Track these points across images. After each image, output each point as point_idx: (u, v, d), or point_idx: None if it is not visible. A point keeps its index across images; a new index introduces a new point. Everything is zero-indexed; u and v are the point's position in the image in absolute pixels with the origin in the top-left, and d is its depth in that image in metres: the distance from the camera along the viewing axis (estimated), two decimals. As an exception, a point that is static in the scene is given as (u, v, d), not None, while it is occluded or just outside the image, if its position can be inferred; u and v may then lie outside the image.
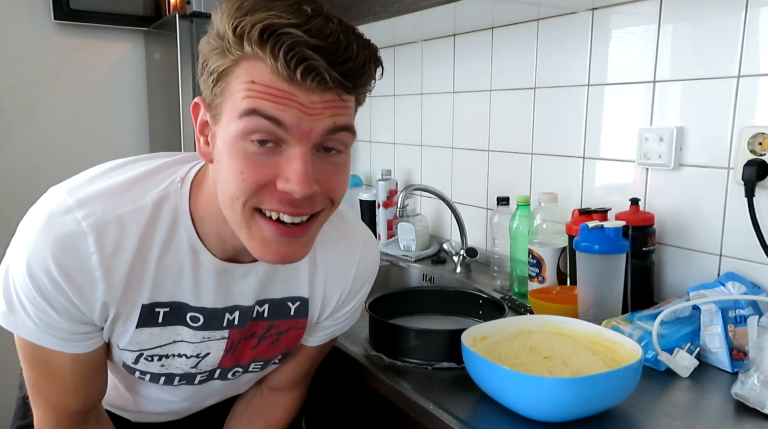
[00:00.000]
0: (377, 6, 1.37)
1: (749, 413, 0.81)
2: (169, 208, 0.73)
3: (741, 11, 1.05)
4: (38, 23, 2.35)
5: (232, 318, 0.81)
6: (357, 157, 2.24)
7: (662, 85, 1.19)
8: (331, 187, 0.68)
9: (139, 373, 0.82)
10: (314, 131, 0.63)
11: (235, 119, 0.63)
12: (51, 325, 0.71)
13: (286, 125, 0.62)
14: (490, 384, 0.83)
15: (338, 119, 0.64)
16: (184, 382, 0.85)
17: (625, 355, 0.85)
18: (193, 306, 0.77)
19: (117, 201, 0.71)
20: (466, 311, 1.18)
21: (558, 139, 1.43)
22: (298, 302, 0.85)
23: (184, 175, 0.75)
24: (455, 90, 1.73)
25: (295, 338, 0.89)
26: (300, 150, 0.63)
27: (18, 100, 2.33)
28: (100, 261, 0.69)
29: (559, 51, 1.40)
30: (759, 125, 1.04)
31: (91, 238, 0.68)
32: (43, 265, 0.67)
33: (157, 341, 0.78)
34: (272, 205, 0.65)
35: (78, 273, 0.68)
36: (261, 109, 0.61)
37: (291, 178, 0.63)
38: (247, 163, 0.63)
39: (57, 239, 0.67)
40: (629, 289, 1.13)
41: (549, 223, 1.30)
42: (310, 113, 0.62)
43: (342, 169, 0.69)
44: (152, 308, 0.75)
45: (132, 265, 0.71)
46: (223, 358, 0.84)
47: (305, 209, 0.66)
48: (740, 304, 0.96)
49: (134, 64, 2.57)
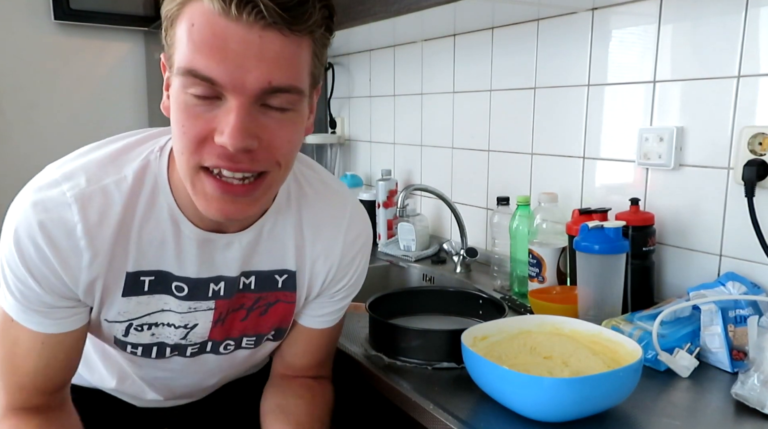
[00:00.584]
0: (377, 6, 1.37)
1: (749, 413, 0.80)
2: (150, 178, 0.74)
3: (741, 11, 1.05)
4: (38, 23, 2.35)
5: (218, 289, 0.80)
6: (357, 157, 2.24)
7: (662, 85, 1.19)
8: (274, 144, 0.66)
9: (131, 347, 0.81)
10: (248, 85, 0.61)
11: (176, 74, 0.63)
12: (31, 300, 0.72)
13: (219, 82, 0.61)
14: (490, 384, 0.83)
15: (275, 77, 0.62)
16: (176, 353, 0.84)
17: (625, 355, 0.85)
18: (177, 275, 0.77)
19: (100, 173, 0.72)
20: (466, 311, 1.18)
21: (558, 139, 1.43)
22: (285, 275, 0.84)
23: (163, 145, 0.76)
24: (455, 90, 1.73)
25: (285, 312, 0.87)
26: (235, 102, 0.62)
27: (18, 100, 2.33)
28: (85, 231, 0.70)
29: (559, 51, 1.40)
30: (759, 125, 1.04)
31: (75, 208, 0.70)
32: (30, 233, 0.69)
33: (144, 309, 0.78)
34: (212, 160, 0.65)
35: (63, 242, 0.70)
36: (195, 68, 0.61)
37: (225, 131, 0.62)
38: (187, 116, 0.64)
39: (44, 209, 0.69)
40: (629, 289, 1.13)
41: (549, 223, 1.30)
42: (245, 64, 0.60)
43: (287, 127, 0.66)
44: (137, 276, 0.75)
45: (116, 234, 0.72)
46: (212, 330, 0.83)
47: (245, 165, 0.65)
48: (740, 304, 0.96)
49: (134, 64, 2.57)
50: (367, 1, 1.38)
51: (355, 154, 2.25)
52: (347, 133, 2.28)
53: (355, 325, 1.14)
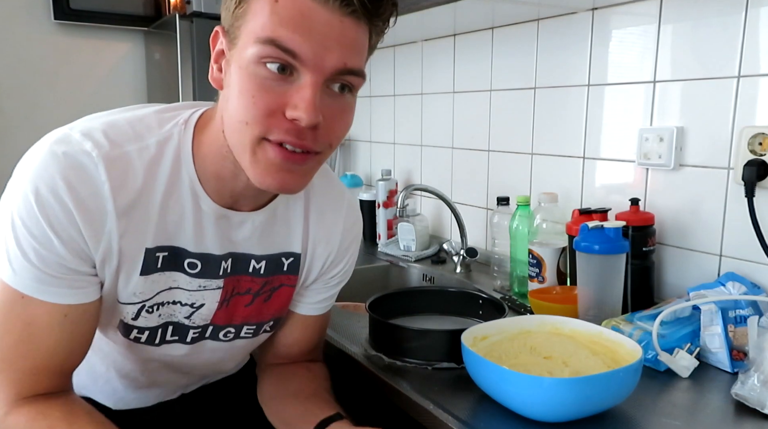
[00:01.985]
0: (377, 6, 1.37)
1: (749, 413, 0.80)
2: (172, 149, 0.73)
3: (741, 11, 1.05)
4: (38, 23, 2.35)
5: (227, 266, 0.81)
6: (357, 157, 2.24)
7: (662, 85, 1.19)
8: (332, 126, 0.69)
9: (137, 331, 0.79)
10: (327, 64, 0.64)
11: (252, 43, 0.64)
12: (52, 265, 0.67)
13: (300, 57, 0.63)
14: (490, 384, 0.83)
15: (350, 60, 0.66)
16: (176, 339, 0.83)
17: (625, 355, 0.85)
18: (193, 252, 0.77)
19: (122, 139, 0.70)
20: (466, 311, 1.18)
21: (558, 139, 1.43)
22: (291, 258, 0.86)
23: (187, 118, 0.76)
24: (455, 90, 1.73)
25: (286, 297, 0.89)
26: (311, 79, 0.64)
27: (18, 99, 2.33)
28: (112, 192, 0.68)
29: (559, 51, 1.40)
30: (759, 125, 1.04)
31: (102, 168, 0.67)
32: (53, 187, 0.65)
33: (156, 288, 0.77)
34: (279, 134, 0.66)
35: (90, 199, 0.67)
36: (279, 38, 0.62)
37: (299, 106, 0.64)
38: (259, 88, 0.64)
39: (68, 162, 0.66)
40: (629, 289, 1.13)
41: (549, 223, 1.30)
42: (326, 44, 0.63)
43: (347, 112, 0.71)
44: (154, 253, 0.74)
45: (137, 204, 0.71)
46: (216, 313, 0.83)
47: (308, 143, 0.67)
48: (740, 305, 0.96)
49: (134, 64, 2.57)
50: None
51: (355, 154, 2.25)
52: (347, 133, 2.28)
53: (355, 325, 1.14)
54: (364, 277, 1.65)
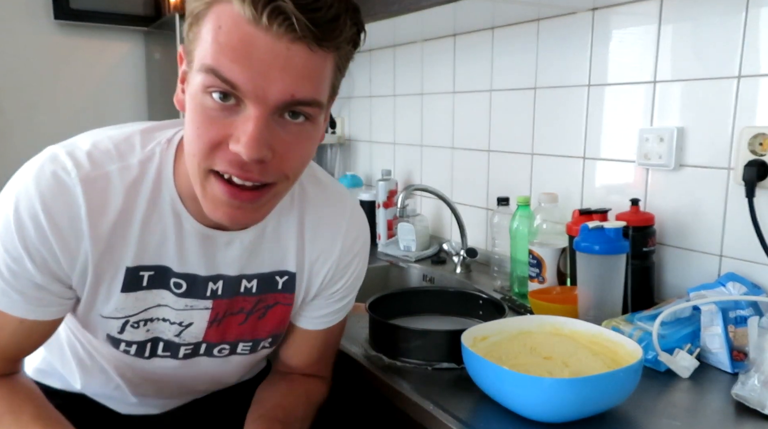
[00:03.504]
0: (377, 6, 1.37)
1: (749, 414, 0.80)
2: (153, 170, 0.73)
3: (741, 11, 1.05)
4: (38, 23, 2.35)
5: (216, 288, 0.79)
6: (357, 157, 2.24)
7: (662, 86, 1.19)
8: (286, 157, 0.65)
9: (125, 344, 0.79)
10: (270, 96, 0.61)
11: (197, 71, 0.62)
12: (21, 281, 0.70)
13: (240, 88, 0.60)
14: (490, 384, 0.83)
15: (300, 90, 0.62)
16: (168, 354, 0.82)
17: (625, 356, 0.85)
18: (177, 271, 0.76)
19: (104, 159, 0.71)
20: (466, 311, 1.18)
21: (558, 139, 1.43)
22: (285, 276, 0.84)
23: (170, 137, 0.75)
24: (455, 90, 1.73)
25: (282, 315, 0.86)
26: (254, 112, 0.61)
27: (18, 100, 2.34)
28: (88, 214, 0.69)
29: (559, 51, 1.40)
30: (759, 125, 1.04)
31: (79, 190, 0.68)
32: (31, 210, 0.67)
33: (141, 305, 0.77)
34: (223, 166, 0.64)
35: (65, 222, 0.68)
36: (219, 69, 0.60)
37: (241, 139, 0.61)
38: (203, 119, 0.63)
39: (47, 186, 0.68)
40: (629, 290, 1.12)
41: (549, 224, 1.30)
42: (269, 74, 0.60)
43: (303, 142, 0.67)
44: (137, 271, 0.74)
45: (116, 224, 0.71)
46: (207, 331, 0.82)
47: (255, 175, 0.65)
48: (740, 305, 0.96)
49: (134, 64, 2.57)
50: (367, 1, 1.38)
51: (355, 154, 2.25)
52: (347, 133, 2.28)
53: (355, 325, 1.14)
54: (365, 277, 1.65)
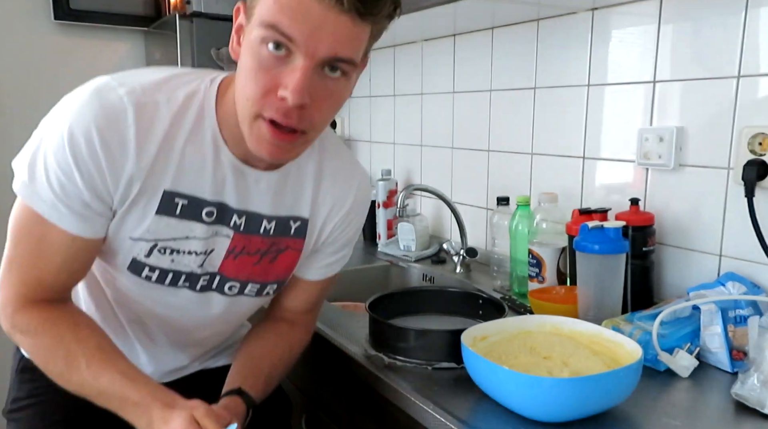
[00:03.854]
0: (377, 6, 1.36)
1: (749, 413, 0.81)
2: (198, 103, 0.81)
3: (741, 11, 1.05)
4: (38, 23, 2.35)
5: (240, 223, 0.87)
6: (357, 157, 2.24)
7: (662, 85, 1.19)
8: (320, 106, 0.75)
9: (148, 269, 0.85)
10: (318, 51, 0.70)
11: (258, 26, 0.71)
12: (70, 195, 0.75)
13: (296, 41, 0.70)
14: (490, 384, 0.83)
15: (342, 50, 0.72)
16: (186, 285, 0.89)
17: (625, 355, 0.85)
18: (210, 200, 0.84)
19: (153, 88, 0.79)
20: (466, 311, 1.18)
21: (558, 139, 1.43)
22: (299, 222, 0.92)
23: (213, 78, 0.84)
24: (455, 90, 1.73)
25: (291, 260, 0.94)
26: (302, 63, 0.71)
27: (18, 100, 2.33)
28: (136, 135, 0.76)
29: (559, 51, 1.40)
30: (759, 125, 1.04)
31: (131, 112, 0.76)
32: (85, 129, 0.74)
33: (172, 233, 0.83)
34: (270, 112, 0.74)
35: (115, 141, 0.75)
36: (278, 24, 0.69)
37: (288, 86, 0.71)
38: (259, 67, 0.73)
39: (101, 109, 0.75)
40: (629, 289, 1.12)
41: (549, 223, 1.30)
42: (319, 34, 0.70)
43: (336, 95, 0.77)
44: (172, 197, 0.81)
45: (160, 147, 0.78)
46: (224, 261, 0.89)
47: (293, 121, 0.74)
48: (740, 304, 0.96)
49: (134, 64, 2.57)
50: (367, 1, 1.38)
51: (355, 154, 2.25)
52: (347, 133, 2.28)
53: (355, 325, 1.14)
54: (364, 277, 1.65)
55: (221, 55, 2.15)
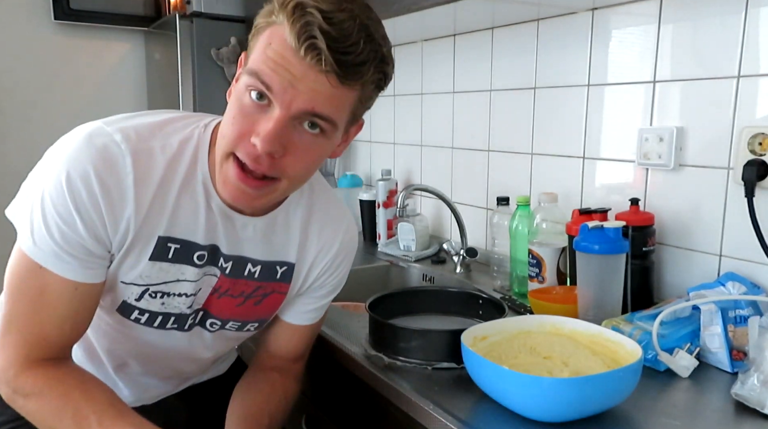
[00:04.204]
0: (377, 6, 1.36)
1: (749, 413, 0.81)
2: (191, 149, 0.81)
3: (741, 11, 1.05)
4: (38, 23, 2.35)
5: (227, 266, 0.87)
6: (357, 157, 2.24)
7: (662, 85, 1.19)
8: (292, 161, 0.76)
9: (138, 312, 0.85)
10: (294, 104, 0.72)
11: (244, 74, 0.74)
12: (71, 242, 0.74)
13: (273, 91, 0.72)
14: (490, 384, 0.83)
15: (319, 107, 0.73)
16: (175, 326, 0.89)
17: (625, 355, 0.85)
18: (202, 244, 0.84)
19: (148, 135, 0.79)
20: (466, 311, 1.18)
21: (558, 139, 1.43)
22: (285, 267, 0.92)
23: (207, 123, 0.85)
24: (455, 90, 1.73)
25: (275, 303, 0.95)
26: (278, 114, 0.72)
27: (18, 100, 2.34)
28: (135, 182, 0.76)
29: (559, 51, 1.40)
30: (759, 125, 1.04)
31: (128, 160, 0.76)
32: (84, 175, 0.73)
33: (164, 277, 0.83)
34: (242, 153, 0.75)
35: (115, 188, 0.75)
36: (260, 72, 0.72)
37: (260, 133, 0.72)
38: (239, 111, 0.74)
39: (99, 153, 0.74)
40: (629, 289, 1.12)
41: (549, 223, 1.30)
42: (297, 87, 0.71)
43: (312, 149, 0.77)
44: (166, 242, 0.81)
45: (156, 194, 0.78)
46: (209, 297, 0.89)
47: (263, 167, 0.75)
48: (740, 305, 0.96)
49: (134, 64, 2.57)
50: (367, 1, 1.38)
51: (355, 154, 2.25)
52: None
53: (355, 325, 1.14)
54: (364, 277, 1.65)
55: (221, 55, 2.15)
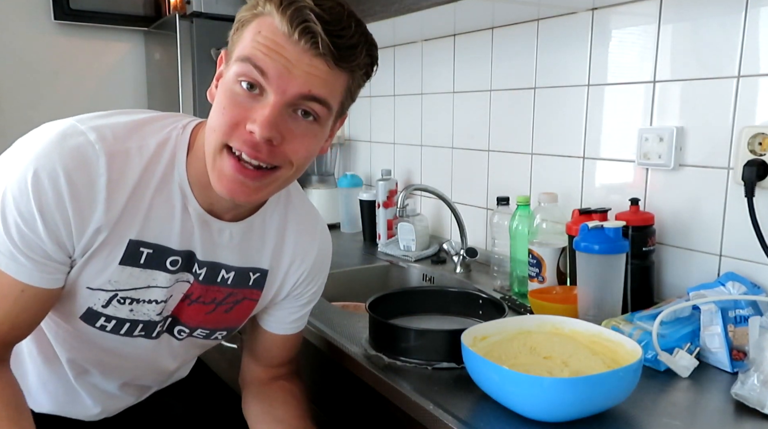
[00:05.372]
0: (377, 6, 1.37)
1: (749, 413, 0.81)
2: (169, 151, 0.78)
3: (741, 11, 1.05)
4: (38, 23, 2.35)
5: (201, 273, 0.85)
6: (357, 157, 2.24)
7: (662, 85, 1.19)
8: (293, 146, 0.74)
9: (104, 319, 0.81)
10: (290, 88, 0.70)
11: (234, 63, 0.72)
12: (31, 246, 0.71)
13: (268, 75, 0.70)
14: (490, 384, 0.83)
15: (315, 88, 0.71)
16: (143, 334, 0.86)
17: (625, 355, 0.85)
18: (176, 249, 0.81)
19: (124, 135, 0.76)
20: (466, 311, 1.18)
21: (558, 139, 1.43)
22: (258, 273, 0.90)
23: (186, 124, 0.82)
24: (455, 90, 1.73)
25: (246, 310, 0.93)
26: (274, 99, 0.70)
27: (18, 100, 2.33)
28: (107, 184, 0.72)
29: (559, 51, 1.40)
30: (759, 125, 1.04)
31: (102, 160, 0.72)
32: (53, 175, 0.69)
33: (134, 283, 0.80)
34: (238, 143, 0.72)
35: (84, 189, 0.71)
36: (253, 57, 0.70)
37: (256, 120, 0.70)
38: (230, 101, 0.72)
39: (70, 152, 0.70)
40: (629, 289, 1.13)
41: (549, 223, 1.30)
42: (293, 71, 0.70)
43: (309, 136, 0.75)
44: (137, 246, 0.78)
45: (129, 197, 0.75)
46: (179, 304, 0.86)
47: (263, 155, 0.72)
48: (740, 304, 0.96)
49: (134, 64, 2.57)
50: (367, 1, 1.38)
51: (355, 154, 2.25)
52: (347, 133, 2.28)
53: (355, 325, 1.14)
54: (364, 277, 1.65)
55: (221, 55, 2.15)
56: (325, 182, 2.16)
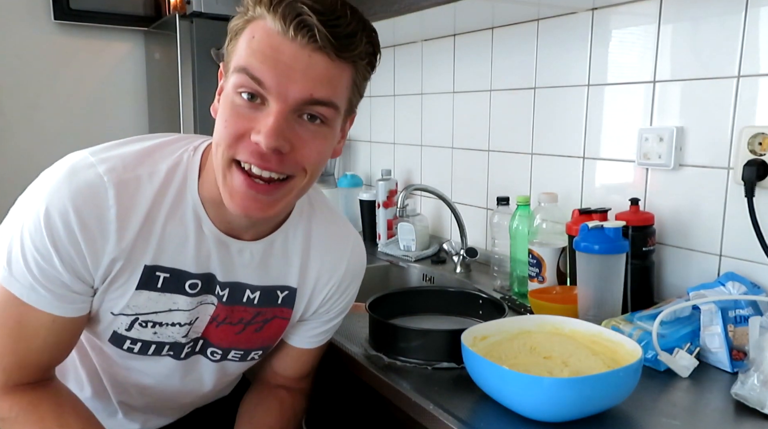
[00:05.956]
0: (377, 6, 1.37)
1: (749, 413, 0.81)
2: (180, 175, 0.78)
3: (741, 11, 1.05)
4: (38, 23, 2.35)
5: (223, 294, 0.84)
6: (357, 157, 2.24)
7: (662, 85, 1.19)
8: (303, 152, 0.72)
9: (130, 342, 0.82)
10: (291, 94, 0.68)
11: (232, 74, 0.70)
12: (50, 278, 0.72)
13: (266, 84, 0.68)
14: (490, 384, 0.83)
15: (317, 91, 0.69)
16: (171, 354, 0.86)
17: (625, 355, 0.85)
18: (194, 273, 0.80)
19: (135, 163, 0.76)
20: (466, 311, 1.18)
21: (558, 139, 1.43)
22: (286, 291, 0.89)
23: (197, 146, 0.81)
24: (455, 90, 1.73)
25: (278, 329, 0.91)
26: (276, 108, 0.68)
27: (18, 100, 2.33)
28: (117, 215, 0.73)
29: (559, 51, 1.40)
30: (759, 125, 1.04)
31: (111, 193, 0.72)
32: (62, 211, 0.70)
33: (153, 306, 0.80)
34: (245, 155, 0.70)
35: (94, 223, 0.72)
36: (249, 67, 0.68)
37: (262, 130, 0.68)
38: (231, 113, 0.70)
39: (78, 188, 0.71)
40: (629, 289, 1.13)
41: (549, 223, 1.30)
42: (292, 76, 0.68)
43: (319, 140, 0.73)
44: (153, 271, 0.78)
45: (143, 224, 0.75)
46: (208, 326, 0.86)
47: (273, 165, 0.70)
48: (740, 304, 0.96)
49: (134, 64, 2.57)
50: (367, 1, 1.38)
51: (355, 154, 2.25)
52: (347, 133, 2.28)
53: (355, 325, 1.14)
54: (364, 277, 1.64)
55: (221, 55, 2.15)
56: (325, 182, 2.16)
